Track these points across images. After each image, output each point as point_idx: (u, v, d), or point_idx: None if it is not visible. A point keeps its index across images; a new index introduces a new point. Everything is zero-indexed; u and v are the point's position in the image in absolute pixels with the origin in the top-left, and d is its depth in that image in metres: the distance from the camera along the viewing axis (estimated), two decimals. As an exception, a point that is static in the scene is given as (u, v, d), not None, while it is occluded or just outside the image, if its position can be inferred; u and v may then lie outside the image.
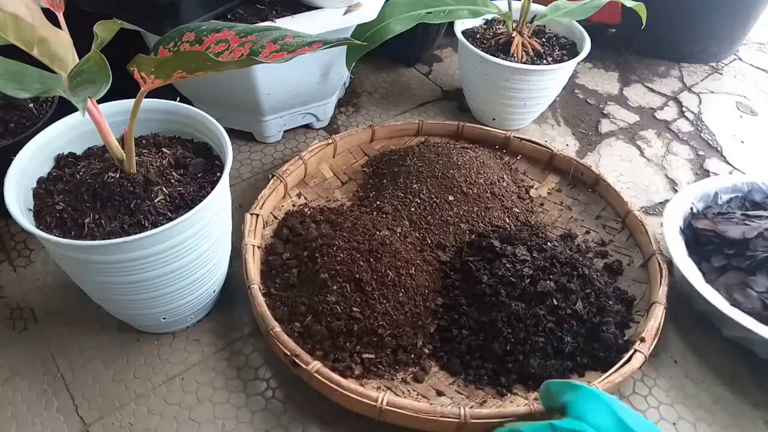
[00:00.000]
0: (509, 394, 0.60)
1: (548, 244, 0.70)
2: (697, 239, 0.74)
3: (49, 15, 0.46)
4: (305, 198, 0.82)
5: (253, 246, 0.70)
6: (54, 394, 0.61)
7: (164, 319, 0.62)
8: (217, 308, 0.69)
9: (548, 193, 0.84)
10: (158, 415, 0.60)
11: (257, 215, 0.73)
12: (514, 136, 0.88)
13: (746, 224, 0.71)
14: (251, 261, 0.67)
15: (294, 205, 0.81)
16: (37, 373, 0.63)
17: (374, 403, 0.55)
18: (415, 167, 0.81)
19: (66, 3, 0.50)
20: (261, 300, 0.63)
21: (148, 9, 0.69)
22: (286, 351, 0.59)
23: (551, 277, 0.65)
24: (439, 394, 0.61)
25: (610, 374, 0.59)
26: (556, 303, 0.63)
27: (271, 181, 0.78)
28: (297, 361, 0.58)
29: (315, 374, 0.57)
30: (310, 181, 0.84)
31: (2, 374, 0.62)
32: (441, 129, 0.91)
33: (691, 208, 0.77)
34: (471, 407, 0.55)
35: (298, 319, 0.64)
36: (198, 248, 0.55)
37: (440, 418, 0.54)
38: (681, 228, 0.74)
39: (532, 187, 0.85)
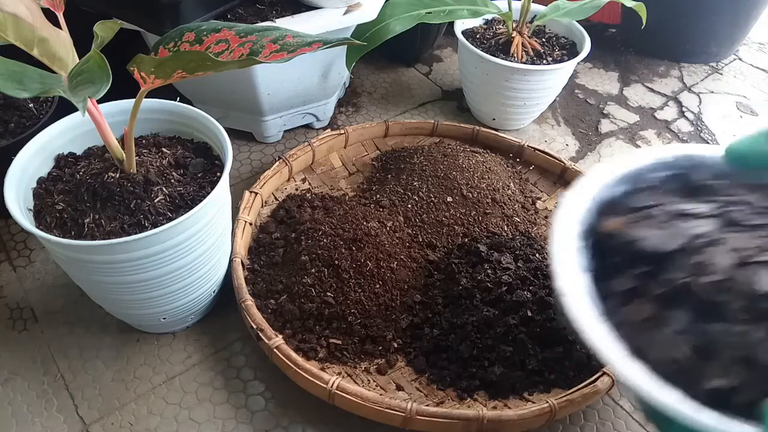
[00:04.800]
0: (469, 399, 0.60)
1: (537, 255, 0.69)
2: (599, 247, 0.50)
3: (49, 15, 0.46)
4: (309, 184, 0.84)
5: (245, 222, 0.72)
6: (54, 394, 0.61)
7: (164, 319, 0.62)
8: (217, 308, 0.69)
9: (555, 207, 0.83)
10: (158, 415, 0.60)
11: (256, 193, 0.76)
12: (528, 146, 0.87)
13: (673, 226, 0.47)
14: (240, 236, 0.70)
15: (297, 189, 0.83)
16: (37, 373, 0.63)
17: (325, 386, 0.56)
18: (420, 165, 0.81)
19: (66, 3, 0.50)
20: (240, 273, 0.66)
21: (148, 9, 0.69)
22: (252, 324, 0.61)
23: (530, 288, 0.64)
24: (399, 388, 0.61)
25: (571, 392, 0.57)
26: (530, 314, 0.62)
27: (276, 163, 0.80)
28: (261, 335, 0.60)
29: (275, 350, 0.59)
30: (317, 168, 0.86)
31: (2, 374, 0.62)
32: (456, 131, 0.91)
33: (602, 197, 0.52)
34: (427, 405, 0.56)
35: (273, 297, 0.66)
36: (198, 248, 0.55)
37: (386, 410, 0.55)
38: (584, 230, 0.49)
39: (540, 198, 0.84)
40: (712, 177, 0.52)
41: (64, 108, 0.65)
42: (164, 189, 0.55)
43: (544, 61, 0.90)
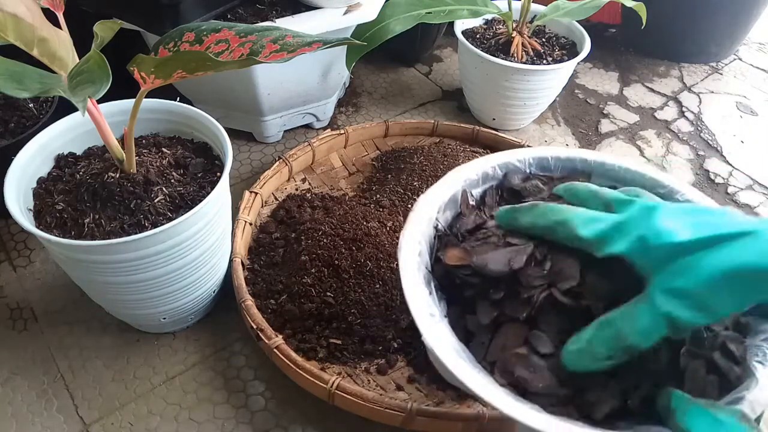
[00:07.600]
0: (469, 399, 0.60)
1: None
2: (451, 281, 0.46)
3: (49, 15, 0.46)
4: (309, 184, 0.84)
5: (245, 222, 0.72)
6: (54, 394, 0.61)
7: (164, 319, 0.62)
8: (217, 308, 0.69)
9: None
10: (158, 415, 0.60)
11: (256, 194, 0.76)
12: (528, 146, 0.87)
13: (510, 243, 0.45)
14: (240, 236, 0.70)
15: (297, 189, 0.83)
16: (37, 373, 0.63)
17: (325, 386, 0.56)
18: (420, 165, 0.81)
19: (66, 3, 0.50)
20: (240, 273, 0.66)
21: (148, 9, 0.69)
22: (252, 324, 0.61)
23: None
24: (399, 388, 0.61)
25: None
26: None
27: (276, 163, 0.81)
28: (261, 335, 0.60)
29: (275, 350, 0.59)
30: (317, 168, 0.86)
31: (2, 374, 0.62)
32: (456, 131, 0.91)
33: (436, 227, 0.49)
34: (427, 405, 0.56)
35: (273, 297, 0.66)
36: (198, 248, 0.55)
37: (386, 410, 0.55)
38: (429, 265, 0.47)
39: (539, 198, 0.85)
40: (522, 180, 0.54)
41: (64, 108, 0.65)
42: (164, 189, 0.55)
43: (544, 61, 0.90)
